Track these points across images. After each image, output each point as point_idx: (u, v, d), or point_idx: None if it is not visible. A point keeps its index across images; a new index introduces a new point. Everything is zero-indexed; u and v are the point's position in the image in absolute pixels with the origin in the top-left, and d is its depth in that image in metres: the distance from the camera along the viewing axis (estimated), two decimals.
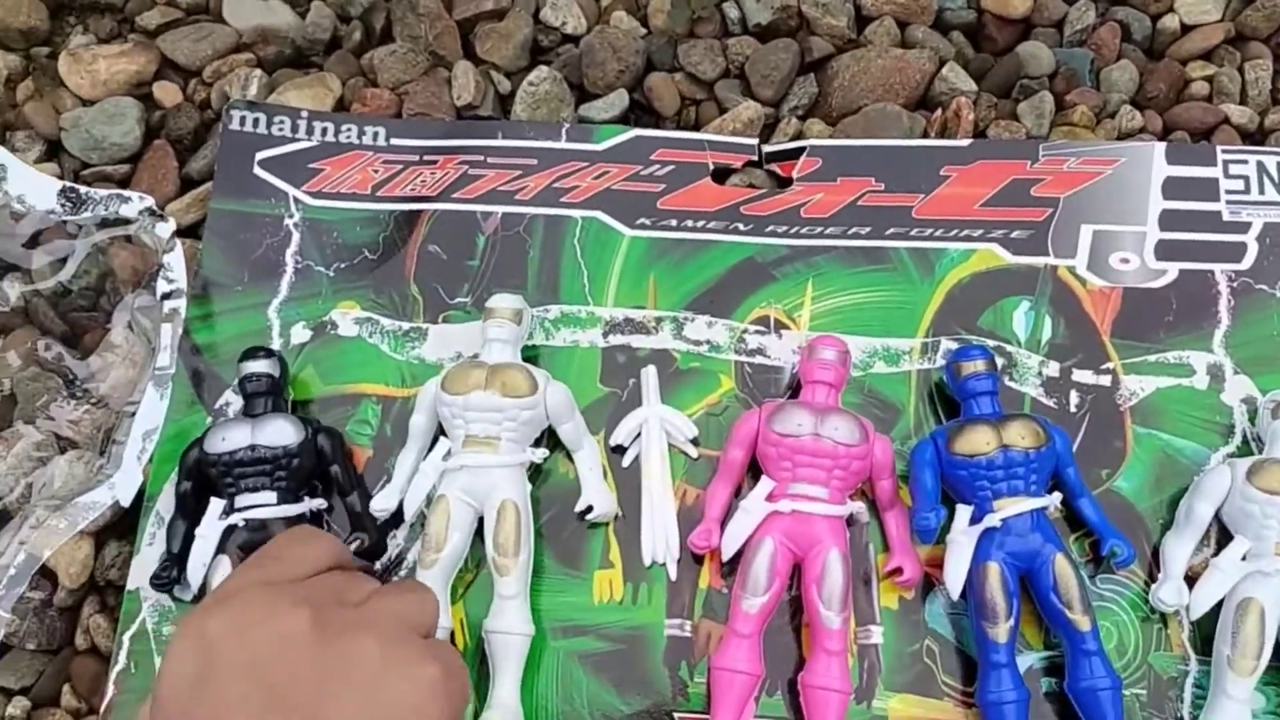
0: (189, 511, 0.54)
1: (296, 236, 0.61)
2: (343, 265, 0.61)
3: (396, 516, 0.56)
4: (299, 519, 0.54)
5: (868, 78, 0.64)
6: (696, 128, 0.65)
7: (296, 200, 0.62)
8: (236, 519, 0.53)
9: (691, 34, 0.68)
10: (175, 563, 0.53)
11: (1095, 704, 0.49)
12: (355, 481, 0.55)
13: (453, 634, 0.54)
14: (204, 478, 0.54)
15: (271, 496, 0.53)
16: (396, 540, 0.56)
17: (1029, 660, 0.52)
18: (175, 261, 0.60)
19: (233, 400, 0.58)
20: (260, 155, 0.63)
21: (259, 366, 0.55)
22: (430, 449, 0.56)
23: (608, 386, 0.58)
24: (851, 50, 0.66)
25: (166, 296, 0.60)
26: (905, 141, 0.62)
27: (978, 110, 0.63)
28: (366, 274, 0.61)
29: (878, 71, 0.64)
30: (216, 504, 0.53)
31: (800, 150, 0.62)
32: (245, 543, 0.52)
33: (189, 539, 0.53)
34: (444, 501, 0.53)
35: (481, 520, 0.54)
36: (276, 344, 0.59)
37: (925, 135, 0.63)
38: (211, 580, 0.52)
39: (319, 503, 0.55)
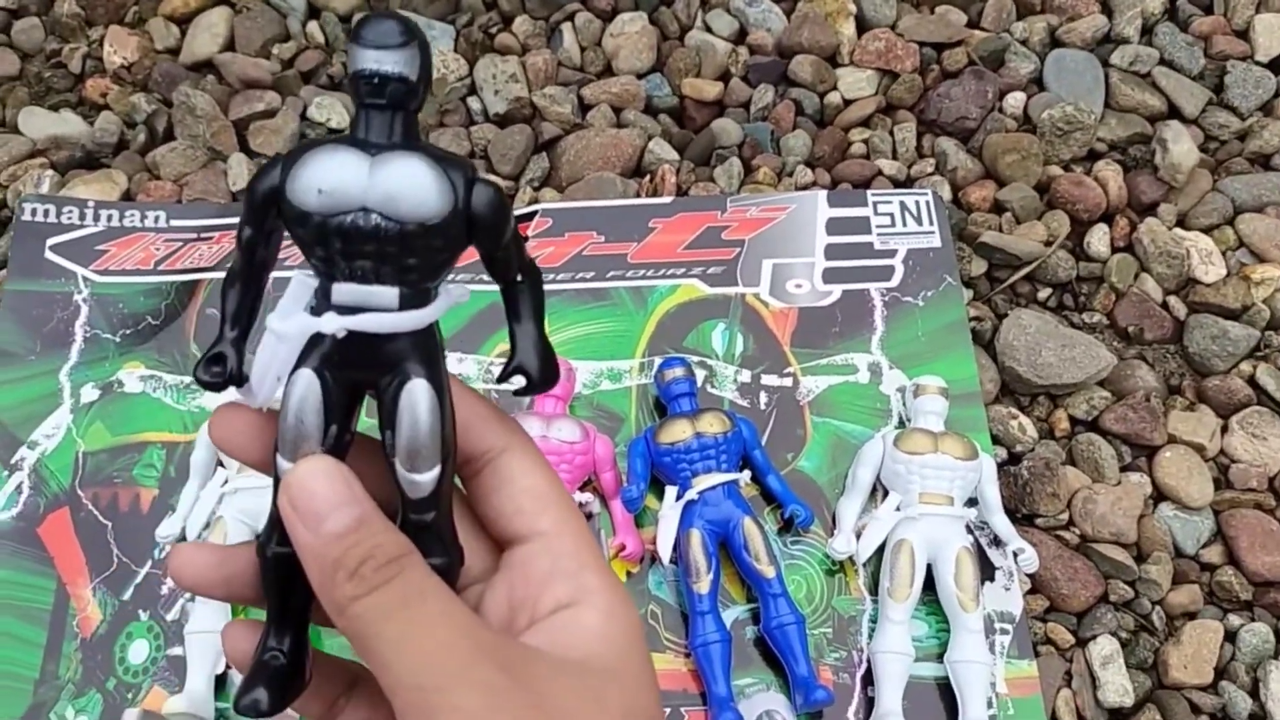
0: (255, 272, 0.30)
1: (85, 309, 0.69)
2: (128, 331, 0.68)
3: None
4: (428, 330, 0.29)
5: (590, 152, 0.77)
6: None
7: (85, 278, 0.70)
8: (333, 325, 0.27)
9: (441, 123, 0.79)
10: (233, 349, 0.30)
11: (785, 638, 0.59)
12: (523, 265, 0.30)
13: None
14: (279, 228, 0.29)
15: (391, 295, 0.28)
16: None
17: (735, 613, 0.62)
18: None
19: (26, 455, 0.65)
20: (51, 241, 0.70)
21: (387, 63, 0.27)
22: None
23: (371, 419, 0.67)
24: (576, 131, 0.78)
25: None
26: (620, 201, 0.74)
27: (680, 175, 0.76)
28: (150, 337, 0.68)
29: (598, 147, 0.77)
30: (302, 283, 0.29)
31: (534, 212, 0.73)
32: (343, 360, 0.28)
33: (253, 314, 0.30)
34: (221, 522, 0.60)
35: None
36: (67, 404, 0.66)
37: (637, 196, 0.76)
38: (291, 404, 0.28)
39: (461, 291, 0.30)
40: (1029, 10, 0.85)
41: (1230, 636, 0.64)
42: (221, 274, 0.69)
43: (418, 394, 0.28)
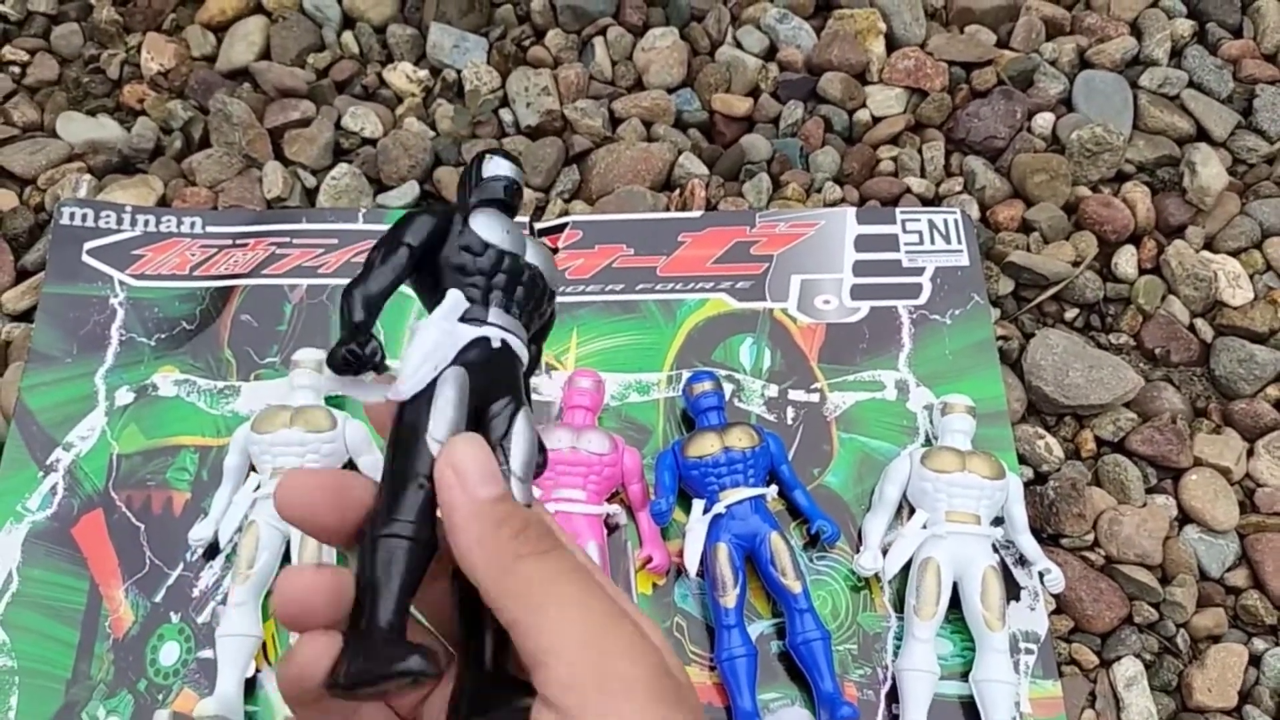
0: (396, 285, 0.32)
1: (121, 313, 0.70)
2: (163, 336, 0.69)
3: (213, 548, 0.63)
4: (515, 358, 0.33)
5: (620, 166, 0.77)
6: None
7: (121, 282, 0.70)
8: (495, 335, 0.32)
9: (473, 134, 0.80)
10: (369, 336, 0.30)
11: (810, 653, 0.59)
12: None
13: (264, 645, 0.61)
14: (441, 265, 0.33)
15: (523, 331, 0.33)
16: (213, 569, 0.63)
17: (760, 627, 0.63)
18: None
19: (62, 457, 0.65)
20: (89, 245, 0.71)
21: (508, 169, 0.36)
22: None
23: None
24: (606, 145, 0.79)
25: None
26: (650, 215, 0.75)
27: (709, 189, 0.77)
28: (185, 342, 0.69)
29: (628, 161, 0.77)
30: (459, 301, 0.32)
31: (565, 225, 0.74)
32: (485, 368, 0.31)
33: (394, 284, 0.32)
34: (254, 527, 0.61)
35: (289, 542, 0.62)
36: (102, 407, 0.67)
37: (667, 209, 0.76)
38: (446, 388, 0.30)
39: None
40: (1059, 31, 0.86)
41: (1255, 660, 0.64)
42: (255, 280, 0.70)
43: (526, 420, 0.32)
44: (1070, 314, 0.75)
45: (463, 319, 0.32)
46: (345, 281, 0.32)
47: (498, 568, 0.27)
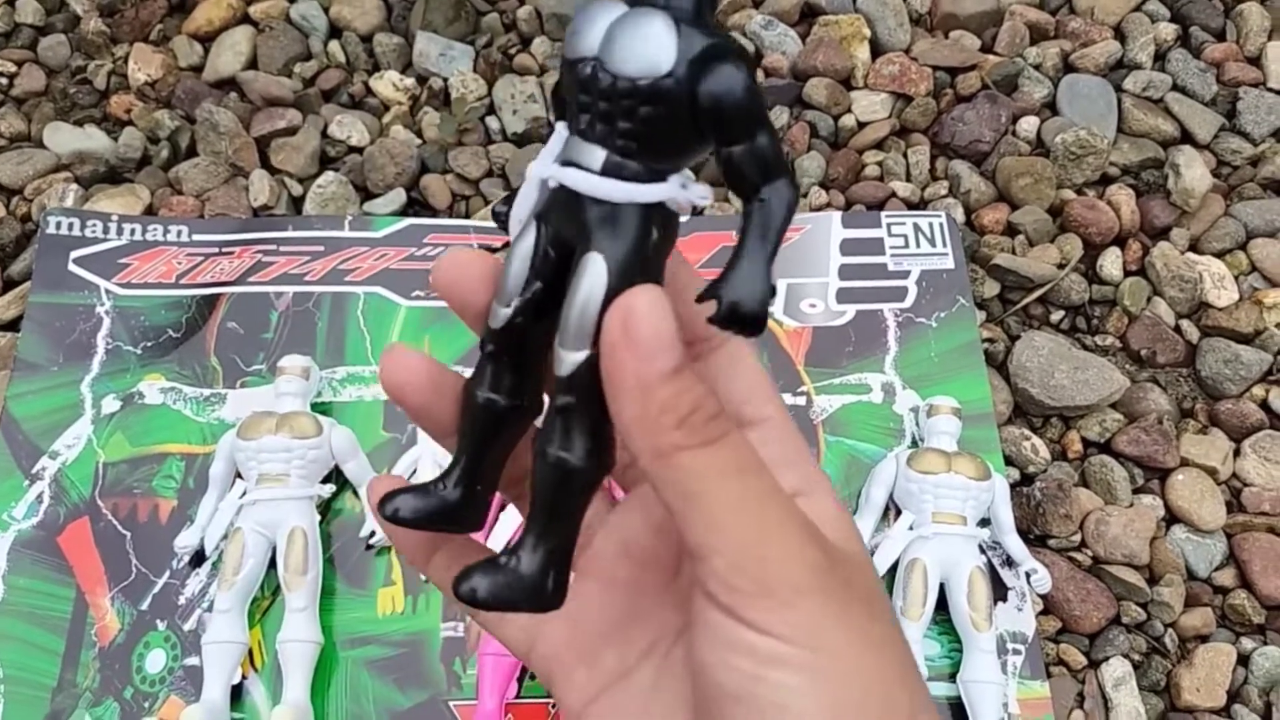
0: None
1: (107, 322, 0.70)
2: (149, 344, 0.69)
3: (199, 556, 0.63)
4: (637, 215, 0.26)
5: None
6: (467, 218, 0.77)
7: (108, 291, 0.70)
8: (550, 171, 0.27)
9: (459, 142, 0.80)
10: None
11: None
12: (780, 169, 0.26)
13: (251, 652, 0.61)
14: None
15: (598, 156, 0.26)
16: (200, 577, 0.63)
17: None
18: None
19: (48, 465, 0.65)
20: (75, 254, 0.71)
21: None
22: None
23: (389, 433, 0.68)
24: None
25: None
26: None
27: None
28: (171, 350, 0.69)
29: None
30: (559, 133, 0.28)
31: None
32: (556, 218, 0.27)
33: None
34: (239, 533, 0.61)
35: (275, 549, 0.62)
36: (88, 415, 0.67)
37: None
38: (515, 243, 0.28)
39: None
40: (1042, 36, 0.86)
41: (1243, 660, 0.64)
42: (242, 288, 0.71)
43: (591, 267, 0.26)
44: (1056, 316, 0.75)
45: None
46: (332, 289, 0.32)
47: (654, 453, 0.25)
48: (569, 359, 0.26)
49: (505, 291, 0.27)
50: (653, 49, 0.24)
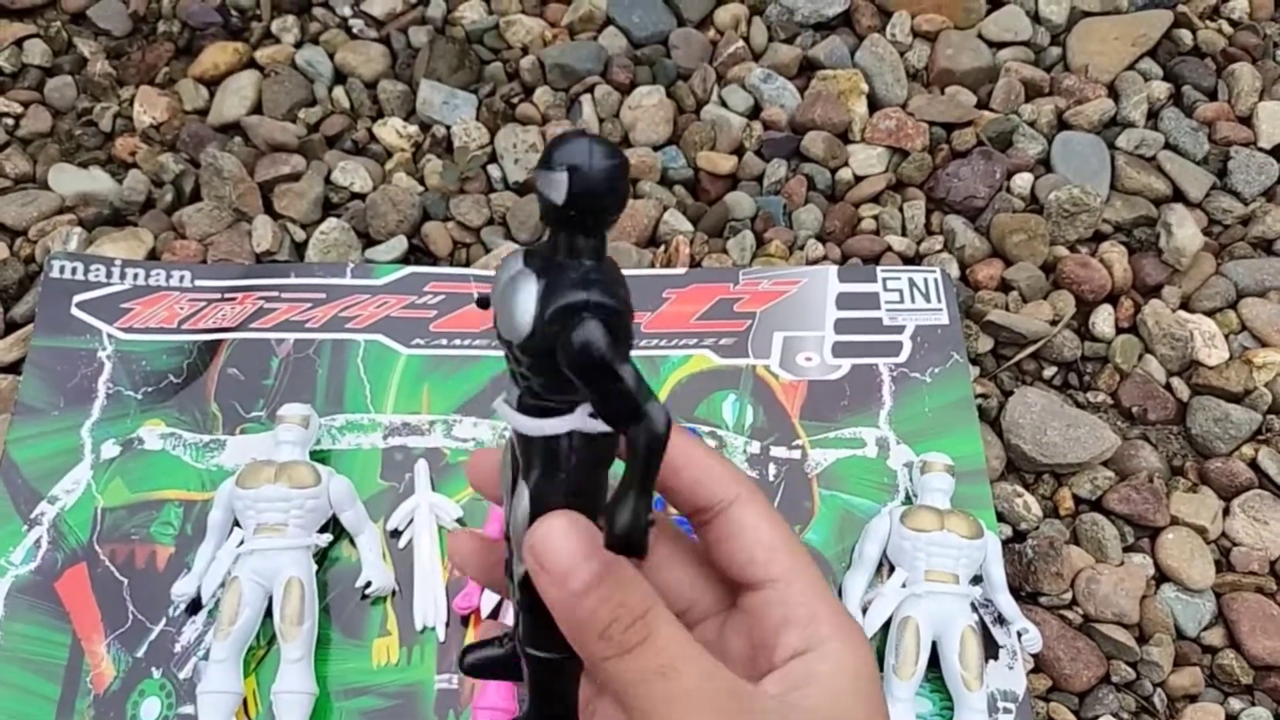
0: None
1: (109, 366, 0.70)
2: (150, 389, 0.70)
3: (196, 604, 0.63)
4: (554, 444, 0.30)
5: None
6: (467, 266, 0.78)
7: (110, 335, 0.71)
8: (498, 408, 0.30)
9: (461, 190, 0.81)
10: None
11: None
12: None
13: (245, 702, 0.61)
14: None
15: (514, 396, 0.30)
16: (196, 625, 0.63)
17: None
18: None
19: (46, 510, 0.66)
20: (78, 298, 0.72)
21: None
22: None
23: (387, 481, 0.68)
24: None
25: None
26: (635, 271, 0.76)
27: (693, 246, 0.78)
28: (171, 395, 0.70)
29: None
30: None
31: None
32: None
33: None
34: (236, 582, 0.61)
35: (271, 599, 0.62)
36: (87, 460, 0.67)
37: (652, 266, 0.77)
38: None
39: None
40: (1037, 93, 0.87)
41: None
42: (243, 334, 0.71)
43: (520, 494, 0.29)
44: (1048, 372, 0.76)
45: None
46: (333, 336, 0.34)
47: (589, 661, 0.28)
48: (518, 570, 0.29)
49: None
50: (518, 315, 0.27)
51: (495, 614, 0.63)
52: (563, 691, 0.31)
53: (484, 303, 0.30)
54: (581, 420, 0.28)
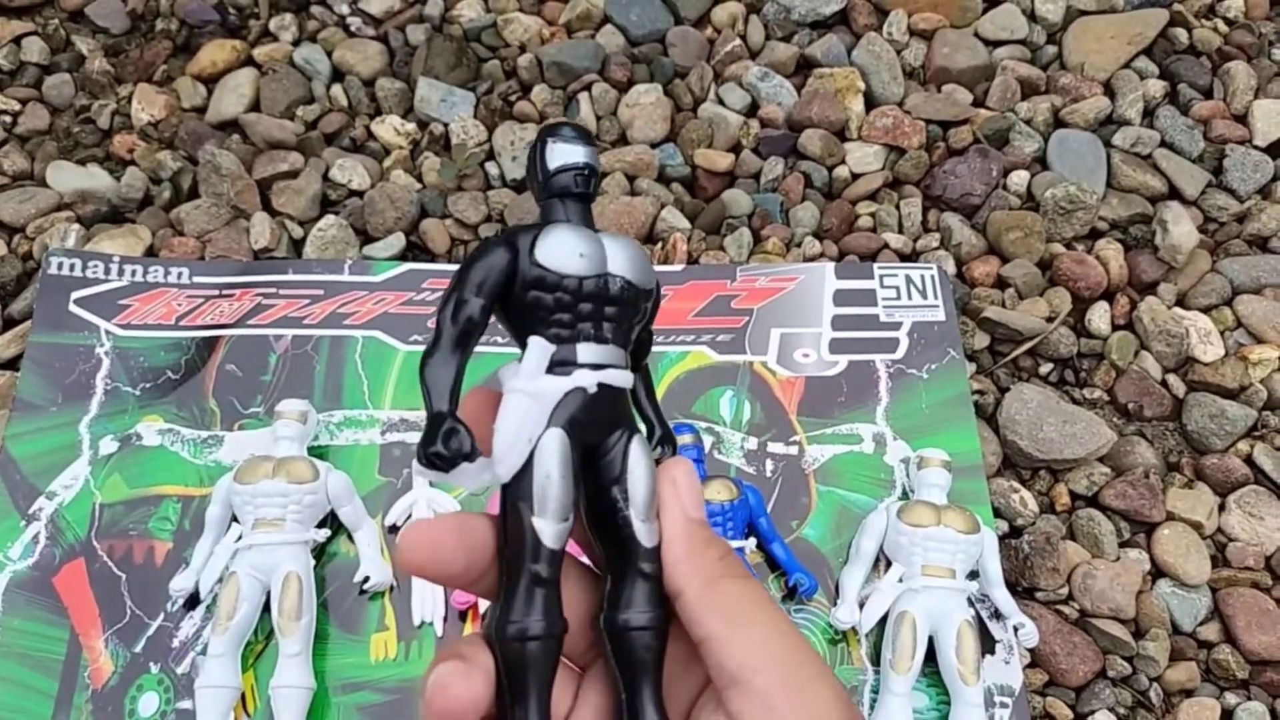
0: (469, 345, 0.29)
1: (107, 362, 0.70)
2: (148, 385, 0.70)
3: (194, 599, 0.63)
4: (620, 392, 0.31)
5: (604, 219, 0.78)
6: None
7: (108, 332, 0.71)
8: (587, 380, 0.29)
9: (459, 187, 0.81)
10: (459, 424, 0.27)
11: None
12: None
13: (243, 696, 0.61)
14: (503, 300, 0.30)
15: (620, 355, 0.31)
16: (194, 620, 0.63)
17: None
18: None
19: (45, 506, 0.66)
20: (76, 295, 0.72)
21: (586, 155, 0.32)
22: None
23: (385, 477, 0.68)
24: None
25: None
26: None
27: (691, 243, 0.78)
28: (170, 391, 0.70)
29: (612, 214, 0.78)
30: (543, 348, 0.29)
31: None
32: (586, 418, 0.30)
33: (459, 386, 0.28)
34: (234, 578, 0.61)
35: (270, 594, 0.62)
36: (85, 456, 0.67)
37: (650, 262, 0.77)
38: (539, 467, 0.28)
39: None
40: (1033, 91, 0.88)
41: (1227, 715, 0.65)
42: (241, 330, 0.71)
43: (638, 448, 0.30)
44: (1044, 369, 0.76)
45: (551, 369, 0.29)
46: (330, 332, 0.33)
47: (703, 581, 0.29)
48: (648, 529, 0.29)
49: (558, 506, 0.28)
50: (649, 266, 0.32)
51: None
52: (661, 664, 0.30)
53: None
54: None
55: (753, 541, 0.65)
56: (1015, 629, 0.64)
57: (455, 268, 0.76)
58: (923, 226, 0.81)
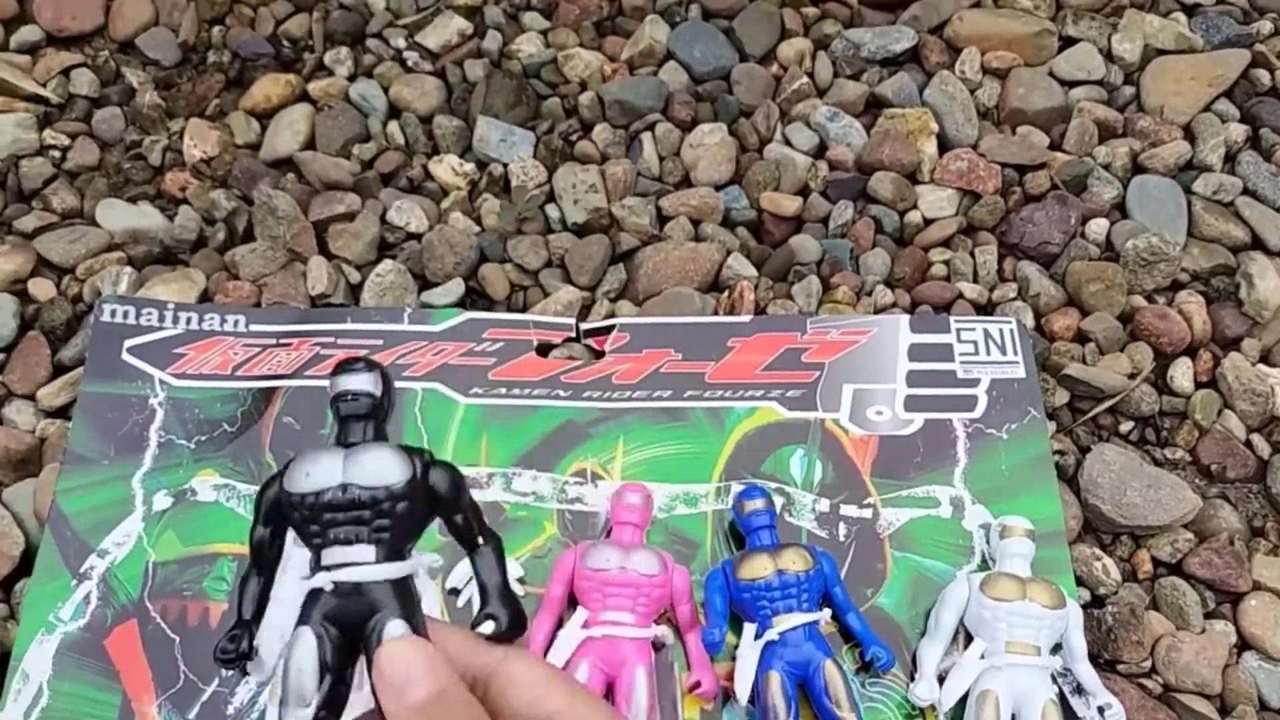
0: (266, 565, 0.39)
1: (160, 414, 0.68)
2: (203, 438, 0.68)
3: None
4: (404, 582, 0.37)
5: (668, 266, 0.76)
6: (524, 310, 0.75)
7: (161, 381, 0.69)
8: (322, 580, 0.36)
9: (519, 231, 0.79)
10: (246, 631, 0.39)
11: None
12: (484, 532, 0.40)
13: None
14: (285, 522, 0.38)
15: (369, 552, 0.36)
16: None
17: None
18: None
19: (96, 564, 0.64)
20: (129, 343, 0.70)
21: (356, 383, 0.40)
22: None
23: (445, 537, 0.66)
24: (654, 243, 0.78)
25: None
26: (698, 319, 0.74)
27: (758, 292, 0.76)
28: (225, 445, 0.68)
29: (676, 261, 0.76)
30: (300, 558, 0.37)
31: (611, 327, 0.73)
32: (333, 612, 0.36)
33: (264, 601, 0.39)
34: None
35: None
36: (139, 512, 0.65)
37: (715, 313, 0.75)
38: (292, 661, 0.35)
39: (432, 558, 0.41)
40: (1111, 134, 0.85)
41: None
42: (300, 381, 0.69)
43: (400, 628, 0.34)
44: (1125, 427, 0.73)
45: (312, 574, 0.36)
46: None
47: None
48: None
49: (291, 697, 0.34)
50: (395, 466, 0.37)
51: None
52: None
53: (544, 350, 0.37)
54: (418, 562, 0.37)
55: (828, 612, 0.62)
56: (1100, 709, 0.61)
57: (516, 316, 0.74)
58: (999, 276, 0.78)
